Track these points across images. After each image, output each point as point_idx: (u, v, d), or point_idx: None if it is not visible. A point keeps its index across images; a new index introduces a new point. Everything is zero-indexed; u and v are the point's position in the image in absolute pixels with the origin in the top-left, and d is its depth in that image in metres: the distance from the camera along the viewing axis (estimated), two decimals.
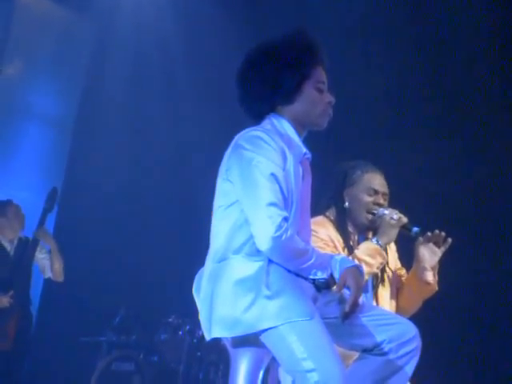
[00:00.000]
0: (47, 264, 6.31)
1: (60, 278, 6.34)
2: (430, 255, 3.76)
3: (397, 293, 3.90)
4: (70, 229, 6.98)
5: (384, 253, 3.68)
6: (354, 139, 7.06)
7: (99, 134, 7.92)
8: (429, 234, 3.74)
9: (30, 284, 6.21)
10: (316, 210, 3.74)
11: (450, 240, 3.74)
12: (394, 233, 3.71)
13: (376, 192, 3.80)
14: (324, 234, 3.65)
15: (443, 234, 3.74)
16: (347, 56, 7.13)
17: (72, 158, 8.25)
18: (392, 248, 3.96)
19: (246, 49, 3.09)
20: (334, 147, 6.75)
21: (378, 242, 3.67)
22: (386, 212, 3.73)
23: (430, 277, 3.77)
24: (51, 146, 8.32)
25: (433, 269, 3.79)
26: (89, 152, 7.99)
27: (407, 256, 3.94)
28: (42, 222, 6.23)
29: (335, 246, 3.65)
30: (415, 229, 3.72)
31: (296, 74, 2.98)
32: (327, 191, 3.90)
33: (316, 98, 3.03)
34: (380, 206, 3.78)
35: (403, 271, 3.96)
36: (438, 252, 3.76)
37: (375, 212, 3.76)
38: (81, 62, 8.26)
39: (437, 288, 3.84)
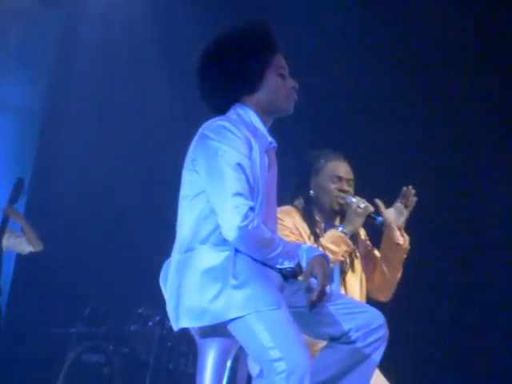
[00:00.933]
0: (23, 241, 6.27)
1: (39, 247, 6.30)
2: (396, 215, 3.82)
3: (374, 271, 3.92)
4: (39, 220, 6.90)
5: (349, 241, 3.71)
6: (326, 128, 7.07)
7: (68, 123, 7.86)
8: (404, 189, 3.79)
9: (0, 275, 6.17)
10: (283, 201, 3.76)
11: (415, 198, 3.78)
12: (360, 221, 3.74)
13: (340, 179, 3.84)
14: (289, 223, 3.68)
15: (412, 190, 3.78)
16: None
17: (41, 148, 8.18)
18: (361, 232, 3.98)
19: (228, 29, 3.09)
20: (307, 136, 6.77)
21: (343, 229, 3.69)
22: (354, 200, 3.76)
23: (398, 237, 3.80)
24: (19, 137, 8.25)
25: (400, 229, 3.82)
26: (58, 141, 7.93)
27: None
28: (11, 198, 6.20)
29: (300, 235, 3.67)
30: (380, 218, 3.76)
31: (257, 61, 2.97)
32: (294, 182, 3.91)
33: (279, 84, 3.02)
34: (345, 192, 3.81)
35: (375, 251, 3.98)
36: (405, 212, 3.81)
37: (343, 198, 3.78)
38: (48, 51, 8.19)
39: (409, 247, 3.86)
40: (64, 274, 7.43)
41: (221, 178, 2.77)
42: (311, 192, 3.85)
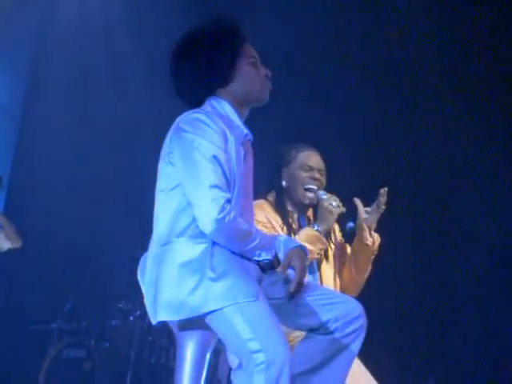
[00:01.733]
0: (1, 237, 6.24)
1: (18, 243, 6.27)
2: (370, 215, 3.80)
3: (343, 266, 3.93)
4: (19, 217, 6.88)
5: (324, 239, 3.70)
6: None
7: (46, 121, 7.83)
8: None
9: None
10: (257, 195, 3.76)
11: (383, 207, 3.78)
12: (333, 219, 3.74)
13: (311, 168, 3.83)
14: (262, 217, 3.67)
15: (385, 192, 3.77)
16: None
17: (20, 146, 8.16)
18: (335, 226, 3.98)
19: (195, 26, 3.09)
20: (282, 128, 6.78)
21: (318, 228, 3.69)
22: (325, 197, 3.75)
23: (368, 237, 3.80)
24: None
25: (370, 228, 3.82)
26: (36, 138, 7.91)
27: None
28: None
29: (273, 228, 3.67)
30: (350, 224, 3.76)
31: (227, 53, 2.98)
32: (265, 175, 3.90)
33: (252, 73, 3.03)
34: (316, 180, 3.81)
35: (347, 247, 3.99)
36: (377, 212, 3.80)
37: (312, 188, 3.79)
38: (25, 48, 8.15)
39: (377, 248, 3.86)
40: (44, 270, 7.41)
41: (197, 171, 2.77)
42: (283, 183, 3.85)
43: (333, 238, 3.93)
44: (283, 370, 2.56)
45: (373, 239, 3.83)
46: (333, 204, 3.71)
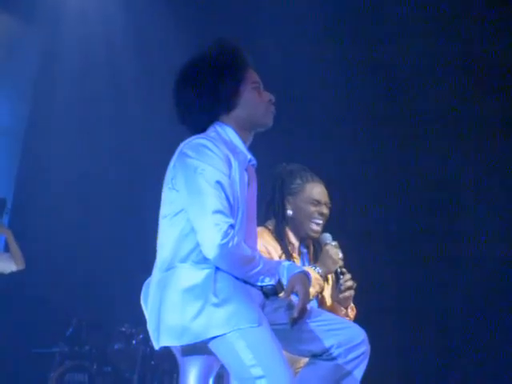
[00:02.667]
0: (4, 260, 6.22)
1: (22, 265, 6.25)
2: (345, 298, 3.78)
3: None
4: (21, 239, 6.89)
5: (322, 282, 3.68)
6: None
7: (50, 142, 7.86)
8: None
9: None
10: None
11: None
12: (334, 268, 3.70)
13: (319, 202, 3.81)
14: (260, 245, 3.59)
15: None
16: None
17: (23, 167, 8.17)
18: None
19: (196, 50, 3.11)
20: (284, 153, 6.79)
21: (319, 271, 3.67)
22: (330, 240, 3.74)
23: (337, 310, 3.77)
24: (1, 156, 8.24)
25: (346, 308, 3.79)
26: (40, 160, 7.93)
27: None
28: None
29: (270, 255, 3.62)
30: (341, 280, 3.73)
31: (230, 80, 2.98)
32: (266, 198, 3.86)
33: (255, 98, 3.03)
34: (323, 215, 3.79)
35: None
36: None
37: (318, 224, 3.77)
38: (29, 69, 8.19)
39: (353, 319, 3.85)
40: (46, 294, 7.40)
41: (200, 196, 2.77)
42: (289, 212, 3.82)
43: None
44: None
45: (349, 316, 3.79)
46: (340, 255, 3.71)
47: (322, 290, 3.73)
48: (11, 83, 8.19)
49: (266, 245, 3.67)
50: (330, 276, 3.86)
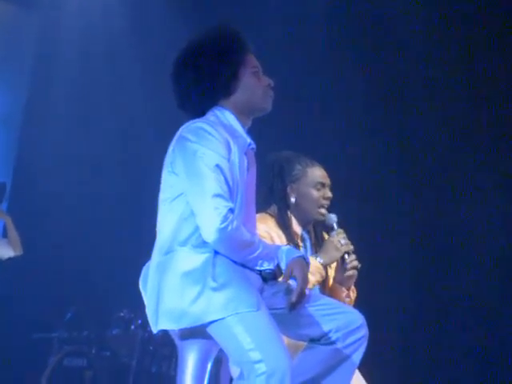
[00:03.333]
0: (2, 246, 6.22)
1: (20, 251, 6.26)
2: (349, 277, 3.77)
3: None
4: (20, 225, 6.89)
5: (324, 272, 3.66)
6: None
7: (47, 129, 7.85)
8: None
9: None
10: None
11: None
12: (337, 256, 3.65)
13: (323, 185, 3.78)
14: (263, 230, 3.57)
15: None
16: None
17: (21, 154, 8.17)
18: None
19: (197, 36, 3.10)
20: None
21: (320, 260, 3.65)
22: (335, 223, 3.72)
23: (344, 297, 3.76)
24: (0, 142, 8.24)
25: (348, 289, 3.78)
26: (37, 147, 7.92)
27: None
28: None
29: (272, 239, 3.60)
30: (346, 265, 3.71)
31: (230, 63, 2.98)
32: (263, 186, 3.80)
33: (254, 83, 3.03)
34: (328, 199, 3.77)
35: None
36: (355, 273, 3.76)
37: (324, 212, 3.75)
38: (27, 56, 8.17)
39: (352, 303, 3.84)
40: (45, 279, 7.42)
41: (200, 180, 2.77)
42: (292, 200, 3.78)
43: None
44: (284, 380, 2.57)
45: (350, 298, 3.79)
46: (341, 242, 3.68)
47: (323, 278, 3.71)
48: (8, 71, 8.17)
49: (270, 231, 3.63)
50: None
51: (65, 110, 7.84)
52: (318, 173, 3.81)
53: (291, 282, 2.84)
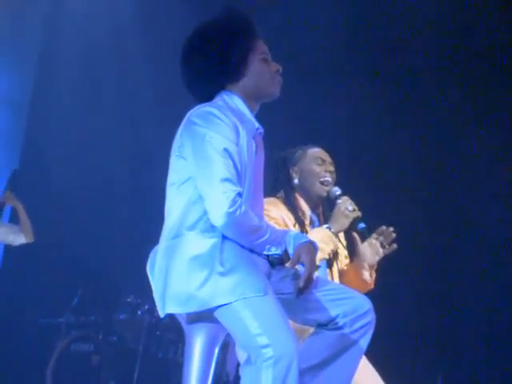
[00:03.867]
0: (14, 232, 6.21)
1: (31, 238, 6.24)
2: (371, 254, 3.77)
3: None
4: (27, 211, 6.89)
5: (336, 240, 3.68)
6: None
7: (55, 113, 7.84)
8: (383, 227, 3.77)
9: None
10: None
11: (395, 246, 3.76)
12: (347, 222, 3.69)
13: (323, 161, 3.82)
14: (275, 213, 3.63)
15: (393, 232, 3.75)
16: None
17: (28, 139, 8.16)
18: (341, 234, 3.97)
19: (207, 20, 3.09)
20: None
21: (330, 229, 3.67)
22: (340, 193, 3.74)
23: (367, 276, 3.79)
24: (7, 127, 8.22)
25: (371, 267, 3.81)
26: (45, 132, 7.91)
27: None
28: (8, 187, 6.16)
29: (286, 225, 3.63)
30: (361, 225, 3.72)
31: (239, 48, 2.98)
32: (269, 180, 3.84)
33: (263, 68, 3.02)
34: (330, 172, 3.80)
35: (347, 260, 3.97)
36: (381, 252, 3.77)
37: (327, 181, 3.77)
38: (34, 40, 8.15)
39: (373, 286, 3.86)
40: (52, 264, 7.42)
41: (208, 164, 2.77)
42: (295, 181, 3.82)
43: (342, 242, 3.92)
44: (291, 364, 2.56)
45: (371, 278, 3.82)
46: (349, 208, 3.69)
47: (337, 248, 3.72)
48: (16, 55, 8.16)
49: (282, 214, 3.67)
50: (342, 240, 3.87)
51: (72, 95, 7.83)
52: (317, 151, 3.87)
53: (299, 267, 2.84)
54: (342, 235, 3.95)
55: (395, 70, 7.15)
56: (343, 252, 3.93)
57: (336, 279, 3.77)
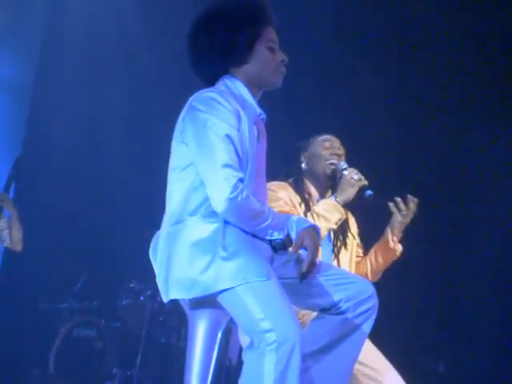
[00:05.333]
0: (6, 232, 6.19)
1: (18, 247, 6.18)
2: (399, 222, 3.85)
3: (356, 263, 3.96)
4: (30, 195, 6.91)
5: (342, 209, 3.69)
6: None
7: (57, 100, 7.83)
8: (398, 199, 3.81)
9: None
10: (278, 174, 3.81)
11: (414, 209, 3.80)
12: (353, 191, 3.72)
13: (331, 145, 3.85)
14: (283, 194, 3.68)
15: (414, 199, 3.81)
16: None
17: (31, 125, 8.15)
18: (353, 223, 3.99)
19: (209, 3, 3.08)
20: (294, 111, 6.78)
21: (336, 198, 3.68)
22: (346, 166, 3.76)
23: (391, 242, 3.84)
24: (9, 113, 8.21)
25: (397, 235, 3.86)
26: (47, 120, 7.90)
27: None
28: (6, 188, 6.12)
29: (294, 206, 3.68)
30: (368, 192, 3.73)
31: (247, 33, 2.96)
32: (284, 166, 3.92)
33: (268, 57, 3.01)
34: (337, 155, 3.81)
35: (361, 247, 4.00)
36: (404, 220, 3.84)
37: (334, 162, 3.79)
38: (37, 26, 8.13)
39: (398, 255, 3.91)
40: (54, 249, 7.42)
41: (210, 150, 2.77)
42: (303, 165, 3.85)
43: (352, 230, 3.94)
44: (294, 349, 2.56)
45: (396, 246, 3.91)
46: (354, 177, 3.70)
47: (344, 217, 3.74)
48: (18, 39, 8.13)
49: (289, 194, 3.72)
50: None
51: (75, 81, 7.80)
52: (326, 137, 3.91)
53: (302, 251, 2.84)
54: (354, 224, 3.97)
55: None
56: (354, 240, 3.94)
57: (344, 266, 3.78)
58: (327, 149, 3.84)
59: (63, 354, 6.64)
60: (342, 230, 3.85)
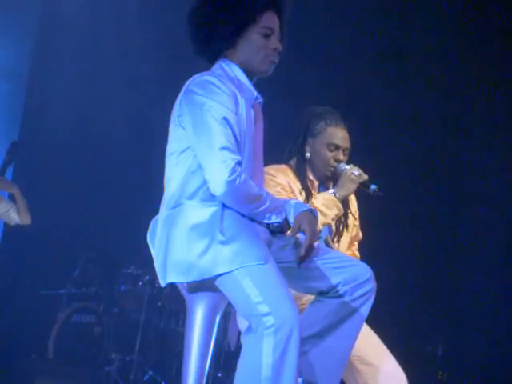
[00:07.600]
0: (11, 211, 6.19)
1: (28, 221, 6.21)
2: None
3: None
4: (28, 182, 6.88)
5: (341, 205, 3.67)
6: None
7: (54, 85, 7.80)
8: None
9: None
10: (280, 158, 3.77)
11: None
12: (353, 187, 3.68)
13: (337, 147, 3.76)
14: (283, 179, 3.64)
15: None
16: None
17: (28, 111, 8.12)
18: (353, 203, 3.96)
19: None
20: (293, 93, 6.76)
21: (335, 194, 3.66)
22: (347, 167, 3.73)
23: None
24: (6, 99, 8.18)
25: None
26: (44, 104, 7.88)
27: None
28: (2, 173, 6.11)
29: (292, 192, 3.64)
30: (373, 186, 3.71)
31: (235, 19, 2.91)
32: (291, 136, 3.86)
33: (259, 43, 2.95)
34: (340, 161, 3.77)
35: (359, 232, 3.98)
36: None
37: (335, 166, 3.76)
38: (33, 12, 8.09)
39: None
40: (53, 236, 7.42)
41: (207, 133, 2.76)
42: (307, 154, 3.80)
43: (353, 211, 3.92)
44: (293, 332, 2.57)
45: None
46: (355, 173, 3.68)
47: (342, 212, 3.72)
48: (14, 25, 8.09)
49: (289, 180, 3.68)
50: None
51: (71, 63, 7.76)
52: (336, 134, 3.78)
53: (299, 235, 2.84)
54: (355, 204, 3.95)
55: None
56: (355, 221, 3.93)
57: (341, 247, 3.77)
58: (331, 151, 3.77)
59: (62, 339, 6.66)
60: (343, 213, 3.83)
